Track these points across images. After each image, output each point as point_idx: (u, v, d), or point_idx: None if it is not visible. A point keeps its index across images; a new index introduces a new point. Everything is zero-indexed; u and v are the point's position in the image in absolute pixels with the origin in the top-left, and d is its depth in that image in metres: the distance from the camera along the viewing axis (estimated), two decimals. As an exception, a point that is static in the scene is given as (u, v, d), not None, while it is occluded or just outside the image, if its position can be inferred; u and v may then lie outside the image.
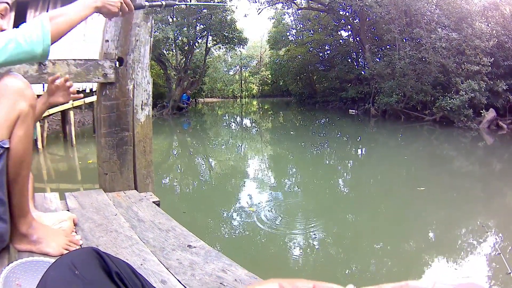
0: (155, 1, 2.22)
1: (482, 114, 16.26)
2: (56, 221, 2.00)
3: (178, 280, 1.70)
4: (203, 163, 11.22)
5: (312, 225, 6.59)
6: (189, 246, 2.08)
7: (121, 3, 1.82)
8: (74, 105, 11.03)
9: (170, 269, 1.80)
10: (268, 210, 7.02)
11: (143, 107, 3.14)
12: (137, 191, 3.13)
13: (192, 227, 5.80)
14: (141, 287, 1.02)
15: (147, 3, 2.13)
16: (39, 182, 6.99)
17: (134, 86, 3.04)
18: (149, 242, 2.08)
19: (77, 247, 1.84)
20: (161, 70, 21.36)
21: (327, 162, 11.87)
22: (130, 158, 3.10)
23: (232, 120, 22.57)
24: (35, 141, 9.65)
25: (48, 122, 11.51)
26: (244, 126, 20.50)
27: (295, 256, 5.50)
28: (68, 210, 2.42)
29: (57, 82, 2.05)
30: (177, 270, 1.79)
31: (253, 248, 5.72)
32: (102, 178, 3.09)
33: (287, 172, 10.57)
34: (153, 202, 2.87)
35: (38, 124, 9.43)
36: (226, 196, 8.13)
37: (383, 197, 7.92)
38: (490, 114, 16.27)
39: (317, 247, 5.77)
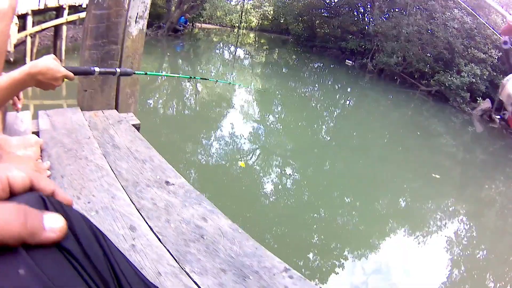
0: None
1: (478, 101, 16.13)
2: (21, 146, 1.75)
3: (149, 226, 1.49)
4: (190, 88, 10.85)
5: (289, 165, 6.52)
6: (167, 182, 1.83)
7: (64, 75, 1.60)
8: (68, 20, 10.40)
9: (141, 211, 1.58)
10: (249, 145, 6.94)
11: (137, 19, 2.77)
12: (117, 111, 2.82)
13: (171, 154, 5.65)
14: (102, 254, 0.71)
15: (97, 70, 1.91)
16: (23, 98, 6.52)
17: (130, -4, 2.61)
18: (122, 175, 1.84)
19: (47, 175, 1.63)
20: (163, -9, 20.40)
21: (313, 105, 11.65)
22: None
23: (226, 49, 21.96)
24: (23, 57, 9.09)
25: (40, 37, 10.80)
26: (237, 56, 20.01)
27: (266, 192, 5.44)
28: (38, 132, 2.15)
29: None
30: (150, 214, 1.57)
31: (225, 180, 5.62)
32: (80, 95, 2.73)
33: (272, 109, 10.36)
34: (133, 125, 2.58)
35: (29, 38, 8.93)
36: (208, 124, 7.94)
37: (362, 152, 7.86)
38: (486, 104, 16.10)
39: (289, 187, 5.72)
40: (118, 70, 2.07)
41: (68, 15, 10.39)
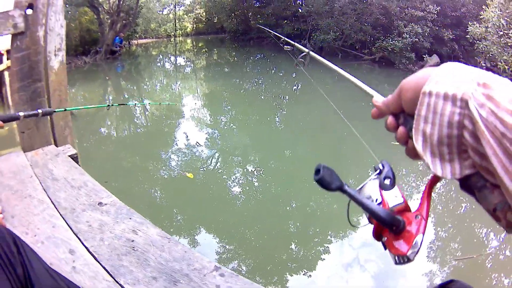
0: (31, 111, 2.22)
1: (425, 58, 16.48)
2: None
3: (86, 248, 1.64)
4: (138, 106, 10.63)
5: (251, 162, 6.48)
6: (100, 203, 2.02)
7: None
8: (8, 65, 10.09)
9: (79, 234, 1.75)
10: (205, 149, 6.86)
11: (56, 53, 2.87)
12: (56, 145, 2.97)
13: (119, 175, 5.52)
14: (16, 252, 1.00)
15: (21, 114, 2.08)
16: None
17: (46, 31, 2.76)
18: (61, 204, 2.03)
19: (1, 218, 1.83)
20: (94, 16, 19.93)
21: (262, 97, 11.65)
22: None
23: (166, 60, 21.73)
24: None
25: (-17, 90, 10.46)
26: (179, 65, 19.84)
27: (233, 193, 5.39)
28: None
29: None
30: (86, 236, 1.74)
31: (191, 192, 5.55)
32: (20, 137, 2.86)
33: (222, 110, 10.30)
34: (70, 155, 2.76)
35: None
36: (163, 137, 7.83)
37: (319, 133, 7.92)
38: (434, 59, 16.43)
39: (256, 184, 5.69)
40: (40, 111, 2.20)
41: (7, 59, 10.10)
